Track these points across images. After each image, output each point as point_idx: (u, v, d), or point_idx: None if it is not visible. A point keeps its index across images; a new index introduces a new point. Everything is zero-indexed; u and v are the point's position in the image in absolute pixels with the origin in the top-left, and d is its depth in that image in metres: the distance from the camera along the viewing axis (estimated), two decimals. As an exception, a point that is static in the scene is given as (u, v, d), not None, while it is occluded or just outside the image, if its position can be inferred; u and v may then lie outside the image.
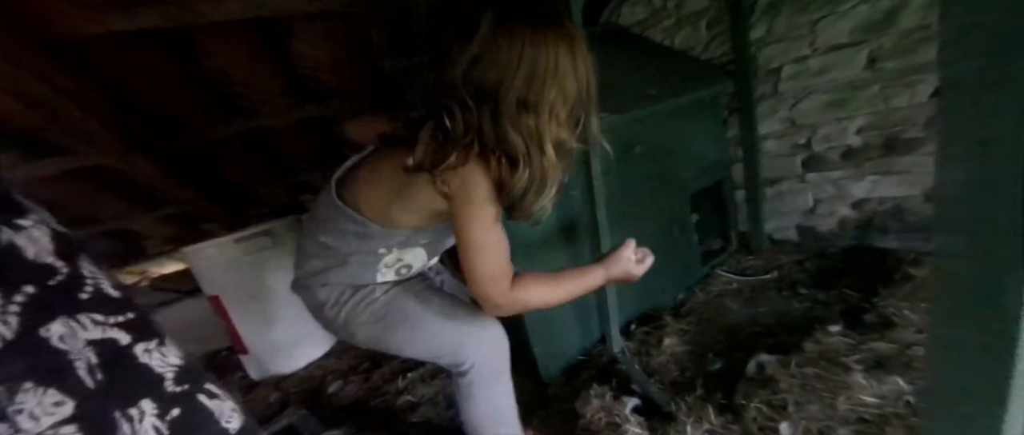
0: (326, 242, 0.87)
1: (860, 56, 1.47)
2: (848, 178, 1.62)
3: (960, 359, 0.40)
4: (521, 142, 0.67)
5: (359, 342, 0.90)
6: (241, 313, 2.02)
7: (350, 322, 0.87)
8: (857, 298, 1.37)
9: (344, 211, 0.85)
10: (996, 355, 0.38)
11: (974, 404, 0.40)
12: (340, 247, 0.86)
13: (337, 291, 0.86)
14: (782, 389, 1.06)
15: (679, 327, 1.52)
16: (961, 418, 0.42)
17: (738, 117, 1.82)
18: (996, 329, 0.37)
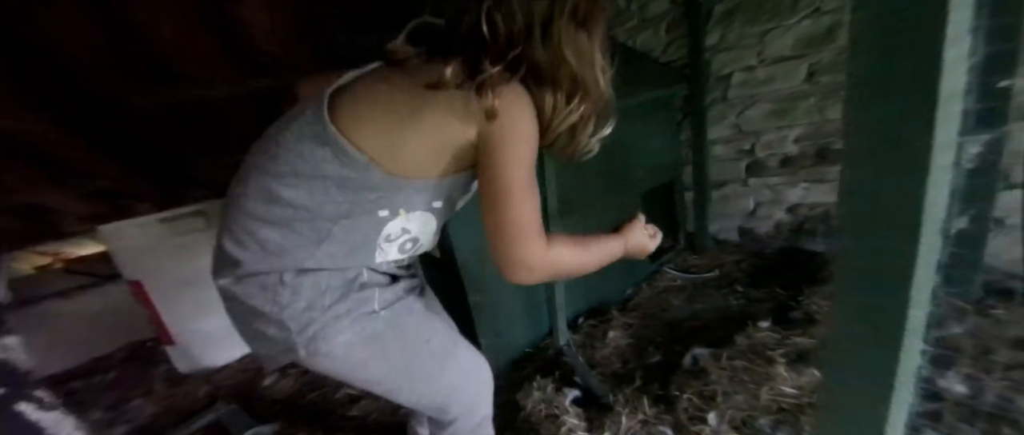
0: (292, 199, 0.57)
1: (801, 69, 1.56)
2: (785, 184, 1.73)
3: (852, 350, 0.42)
4: (575, 63, 0.57)
5: (318, 366, 0.62)
6: (168, 300, 1.86)
7: (322, 337, 0.59)
8: (786, 296, 1.46)
9: (336, 142, 0.56)
10: (884, 348, 0.40)
11: (863, 394, 0.43)
12: (319, 206, 0.58)
13: (313, 287, 0.58)
14: (713, 381, 1.11)
15: (624, 321, 1.56)
16: (851, 407, 0.44)
17: (690, 121, 1.88)
18: (888, 321, 0.39)
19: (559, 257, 0.60)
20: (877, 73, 0.35)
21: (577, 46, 0.57)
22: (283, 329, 0.59)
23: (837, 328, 0.44)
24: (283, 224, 0.58)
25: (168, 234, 1.78)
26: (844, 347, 0.44)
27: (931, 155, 0.32)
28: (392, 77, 0.61)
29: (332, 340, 0.59)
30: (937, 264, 0.35)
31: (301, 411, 1.49)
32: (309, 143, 0.58)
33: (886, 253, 0.37)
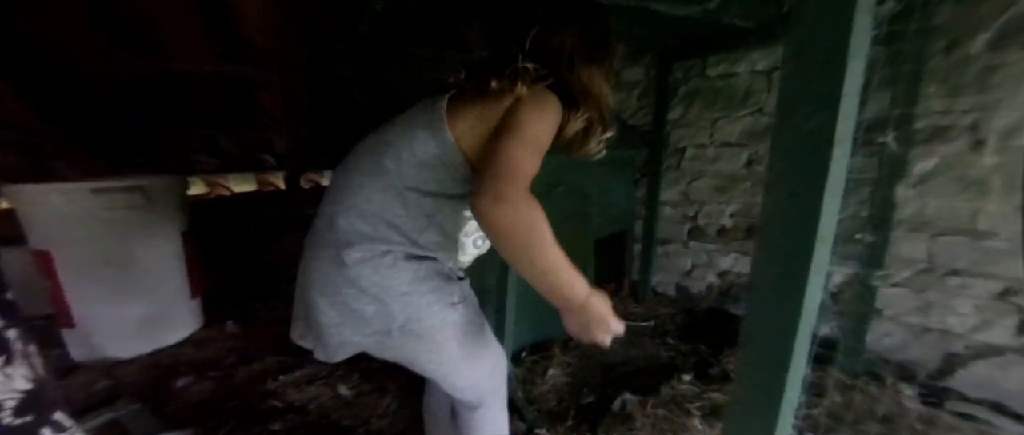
0: (409, 200, 0.67)
1: (742, 156, 1.80)
2: (718, 251, 1.94)
3: (741, 407, 0.52)
4: (587, 84, 0.73)
5: (403, 347, 0.70)
6: (78, 278, 1.67)
7: (416, 318, 0.67)
8: (708, 353, 1.62)
9: (448, 145, 0.66)
10: (767, 415, 0.50)
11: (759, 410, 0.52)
12: (425, 206, 0.68)
13: (415, 273, 0.67)
14: (637, 426, 1.21)
15: (564, 360, 1.64)
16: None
17: (647, 181, 2.08)
18: (770, 387, 0.50)
19: (533, 216, 0.58)
20: (781, 171, 0.46)
21: (590, 73, 0.74)
22: (384, 308, 0.66)
23: (736, 388, 0.54)
24: (392, 210, 0.67)
25: (99, 206, 1.62)
26: (738, 404, 0.54)
27: (814, 248, 0.43)
28: (463, 95, 0.73)
29: (423, 322, 0.68)
30: (812, 343, 0.45)
31: (219, 419, 1.39)
32: (419, 130, 0.69)
33: (772, 346, 0.48)
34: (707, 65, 1.85)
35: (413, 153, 0.68)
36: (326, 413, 1.42)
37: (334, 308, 0.68)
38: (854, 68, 0.43)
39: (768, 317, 0.48)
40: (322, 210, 0.74)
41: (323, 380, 1.59)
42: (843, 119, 0.43)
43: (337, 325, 0.69)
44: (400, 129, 0.71)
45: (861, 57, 0.43)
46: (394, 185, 0.68)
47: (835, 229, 0.46)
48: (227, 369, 1.70)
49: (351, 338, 0.69)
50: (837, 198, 0.44)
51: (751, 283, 0.51)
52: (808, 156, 0.44)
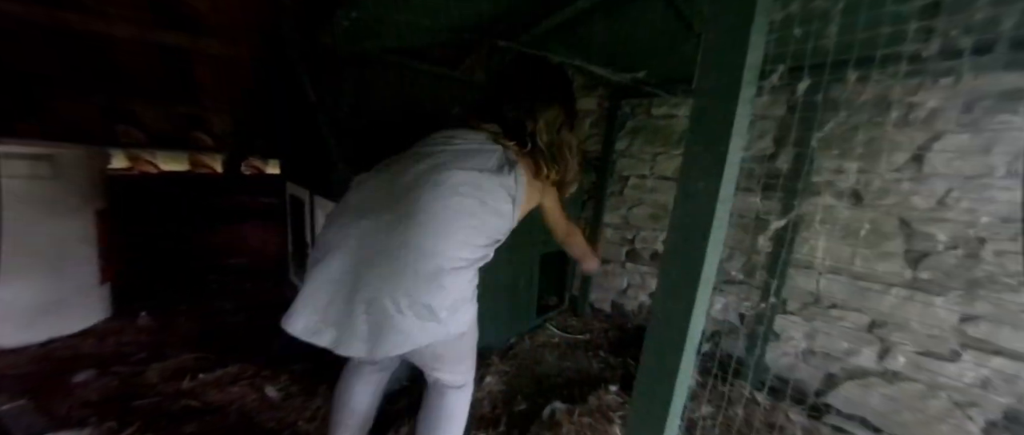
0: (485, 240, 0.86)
1: (675, 190, 1.99)
2: (651, 274, 2.12)
3: (639, 413, 0.61)
4: (568, 146, 0.98)
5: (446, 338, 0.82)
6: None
7: (460, 312, 0.82)
8: (634, 367, 1.75)
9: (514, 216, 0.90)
10: (655, 418, 0.59)
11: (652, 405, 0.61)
12: (494, 241, 0.89)
13: (471, 281, 0.84)
14: (563, 433, 1.29)
15: (502, 368, 1.69)
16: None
17: (592, 204, 2.22)
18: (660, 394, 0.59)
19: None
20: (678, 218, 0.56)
21: (569, 138, 0.98)
22: (455, 313, 0.81)
23: (638, 387, 0.63)
24: (475, 241, 0.84)
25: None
26: (639, 401, 0.63)
27: (699, 283, 0.53)
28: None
29: (462, 318, 0.83)
30: (695, 369, 0.55)
31: (122, 419, 1.28)
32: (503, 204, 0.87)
33: (663, 362, 0.57)
34: (652, 105, 2.04)
35: (500, 216, 0.87)
36: (249, 415, 1.36)
37: (414, 309, 0.76)
38: (735, 143, 0.53)
39: (663, 338, 0.57)
40: (386, 218, 0.80)
41: (248, 380, 1.51)
42: (726, 182, 0.53)
43: (410, 323, 0.76)
44: (487, 185, 0.85)
45: (741, 135, 0.54)
46: (481, 229, 0.84)
47: (716, 269, 0.57)
48: (135, 365, 1.56)
49: (416, 337, 0.77)
50: (719, 245, 0.55)
51: (652, 309, 0.60)
52: (697, 210, 0.54)
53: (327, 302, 0.79)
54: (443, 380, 0.95)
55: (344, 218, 0.83)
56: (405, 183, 0.82)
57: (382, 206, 0.80)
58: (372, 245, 0.77)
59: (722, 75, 0.49)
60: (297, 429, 1.31)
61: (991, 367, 1.29)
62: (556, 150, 0.94)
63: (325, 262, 0.79)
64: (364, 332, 0.76)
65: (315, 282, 0.80)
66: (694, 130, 0.53)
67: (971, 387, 1.32)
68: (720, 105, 0.49)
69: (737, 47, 0.47)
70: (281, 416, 1.36)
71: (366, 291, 0.75)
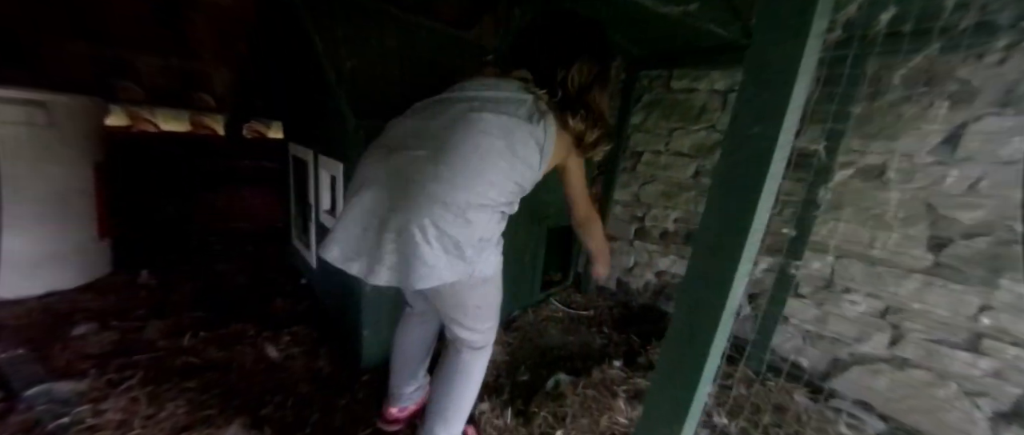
0: (514, 184, 0.85)
1: (691, 167, 1.93)
2: (658, 253, 2.08)
3: (664, 384, 0.58)
4: (599, 103, 0.94)
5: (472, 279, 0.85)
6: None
7: (485, 259, 0.85)
8: (638, 344, 1.74)
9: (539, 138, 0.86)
10: (685, 388, 0.56)
11: (665, 415, 0.58)
12: (521, 189, 0.89)
13: (490, 220, 0.84)
14: (567, 404, 1.27)
15: (506, 340, 1.67)
16: (655, 425, 0.59)
17: (603, 179, 2.16)
18: (691, 367, 0.55)
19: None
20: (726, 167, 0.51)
21: (600, 95, 0.94)
22: (480, 253, 0.84)
23: (660, 368, 0.59)
24: (505, 187, 0.84)
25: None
26: (660, 379, 0.59)
27: (747, 237, 0.48)
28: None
29: (488, 261, 0.87)
30: (730, 334, 0.51)
31: (122, 372, 1.26)
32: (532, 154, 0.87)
33: (699, 324, 0.53)
34: (672, 77, 1.95)
35: (528, 165, 0.86)
36: (249, 374, 1.35)
37: (441, 242, 0.78)
38: (801, 84, 0.47)
39: (700, 291, 0.53)
40: (419, 154, 0.80)
41: (249, 340, 1.50)
42: (785, 130, 0.48)
43: (437, 257, 0.78)
44: (517, 132, 0.84)
45: (807, 76, 0.48)
46: (509, 173, 0.84)
47: (764, 227, 0.52)
48: (135, 320, 1.55)
49: (442, 272, 0.78)
50: (771, 197, 0.50)
51: (688, 267, 0.56)
52: (751, 157, 0.49)
53: (361, 232, 0.82)
54: (462, 337, 0.96)
55: (377, 154, 0.86)
56: (439, 124, 0.84)
57: (415, 143, 0.82)
58: (404, 177, 0.79)
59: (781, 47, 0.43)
60: (298, 390, 1.30)
61: (1005, 357, 1.26)
62: (584, 103, 0.91)
63: (359, 195, 0.82)
64: (393, 262, 0.79)
65: (350, 213, 0.83)
66: (752, 70, 0.47)
67: (983, 376, 1.30)
68: (786, 38, 0.44)
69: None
70: (282, 377, 1.35)
71: (396, 220, 0.77)
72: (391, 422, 1.17)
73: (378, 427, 1.17)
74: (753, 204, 0.47)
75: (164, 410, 1.14)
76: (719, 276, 0.51)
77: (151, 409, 1.14)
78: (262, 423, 1.15)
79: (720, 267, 0.51)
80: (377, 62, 1.38)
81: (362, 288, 1.30)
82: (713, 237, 0.51)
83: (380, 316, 1.38)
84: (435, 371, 1.03)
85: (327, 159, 1.45)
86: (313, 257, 1.76)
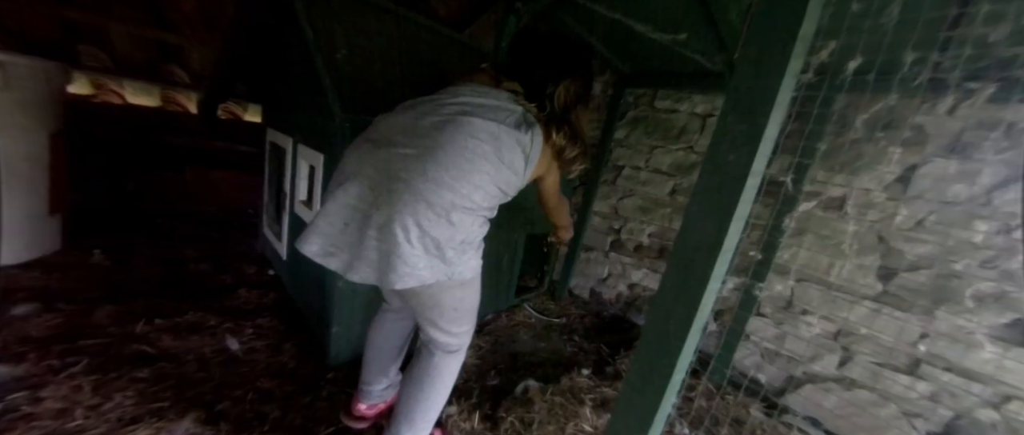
0: (499, 191, 0.87)
1: (668, 184, 2.00)
2: (632, 265, 2.13)
3: (632, 394, 0.60)
4: (579, 123, 0.97)
5: (450, 282, 0.85)
6: None
7: (463, 262, 0.84)
8: (607, 353, 1.77)
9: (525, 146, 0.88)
10: (652, 397, 0.58)
11: (632, 425, 0.60)
12: (505, 196, 0.90)
13: (484, 230, 0.88)
14: (534, 410, 1.28)
15: (477, 342, 1.67)
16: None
17: (583, 191, 2.20)
18: (658, 377, 0.57)
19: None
20: (703, 188, 0.54)
21: (581, 115, 0.99)
22: (461, 255, 0.84)
23: (629, 379, 0.61)
24: (489, 191, 0.85)
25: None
26: (629, 390, 0.61)
27: (710, 279, 0.51)
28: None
29: (467, 264, 0.86)
30: (697, 351, 0.53)
31: (65, 357, 1.18)
32: (517, 160, 0.88)
33: (667, 335, 0.55)
34: (656, 97, 2.02)
35: (513, 171, 0.88)
36: (207, 366, 1.29)
37: (422, 242, 0.78)
38: (775, 117, 0.51)
39: (671, 304, 0.55)
40: (407, 152, 0.80)
41: (209, 331, 1.44)
42: (759, 157, 0.51)
43: (417, 257, 0.77)
44: (505, 138, 0.85)
45: (782, 110, 0.51)
46: (495, 178, 0.85)
47: (735, 248, 0.55)
48: (84, 303, 1.45)
49: (422, 272, 0.78)
50: (742, 220, 0.53)
51: (662, 280, 0.58)
52: (726, 181, 0.52)
53: (343, 226, 0.81)
54: (437, 339, 0.96)
55: (364, 148, 0.85)
56: (429, 123, 0.84)
57: (403, 141, 0.82)
58: (390, 174, 0.79)
59: (773, 40, 0.46)
60: (258, 385, 1.25)
61: (940, 381, 1.37)
62: (568, 120, 0.95)
63: (343, 188, 0.81)
64: (374, 259, 0.78)
65: (333, 205, 0.81)
66: (732, 99, 0.50)
67: (920, 399, 1.40)
68: (765, 73, 0.47)
69: (794, 12, 0.44)
70: (242, 371, 1.30)
71: (379, 216, 0.77)
72: (358, 418, 1.14)
73: (343, 425, 1.15)
74: (726, 225, 0.50)
75: (111, 401, 1.08)
76: (691, 290, 0.54)
77: (96, 398, 1.07)
78: (218, 418, 1.10)
79: (693, 282, 0.54)
80: (368, 56, 1.36)
81: (334, 283, 1.27)
82: (688, 253, 0.54)
83: (351, 313, 1.35)
84: (406, 372, 1.02)
85: (307, 149, 1.41)
86: (284, 248, 1.70)
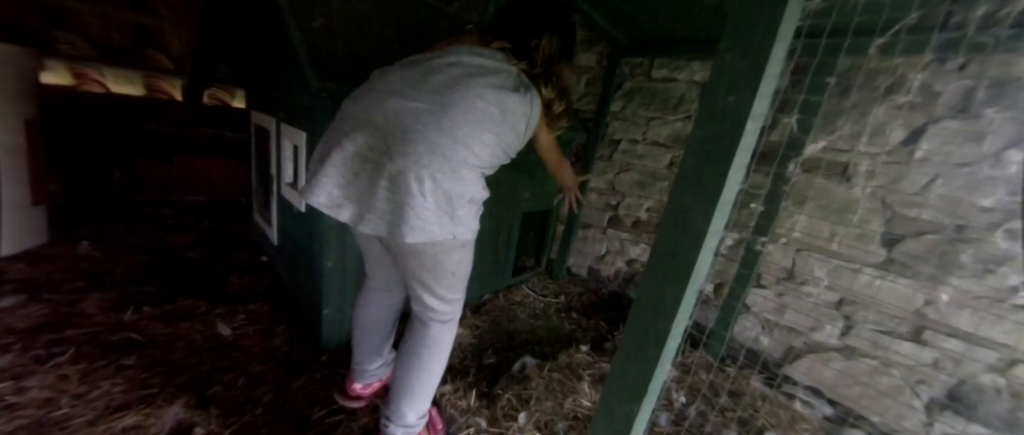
0: (500, 147, 0.86)
1: (665, 157, 1.94)
2: (630, 241, 2.09)
3: (628, 363, 0.56)
4: (565, 77, 0.99)
5: (449, 242, 0.83)
6: None
7: (464, 221, 0.82)
8: (606, 330, 1.75)
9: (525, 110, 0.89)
10: (647, 365, 0.54)
11: (627, 392, 0.57)
12: (506, 154, 0.90)
13: (483, 189, 0.86)
14: (532, 387, 1.27)
15: (474, 322, 1.65)
16: (615, 405, 0.58)
17: (579, 165, 2.14)
18: (653, 346, 0.54)
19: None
20: (699, 138, 0.50)
21: (566, 70, 1.00)
22: (469, 212, 0.83)
23: (622, 347, 0.57)
24: (493, 151, 0.85)
25: None
26: (623, 358, 0.58)
27: (706, 236, 0.47)
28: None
29: (470, 225, 0.85)
30: (692, 315, 0.50)
31: (52, 347, 1.16)
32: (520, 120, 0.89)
33: (662, 299, 0.52)
34: (653, 66, 1.94)
35: (515, 133, 0.89)
36: (198, 352, 1.27)
37: (435, 195, 0.76)
38: (777, 53, 0.46)
39: (666, 269, 0.51)
40: (419, 106, 0.78)
41: (200, 317, 1.41)
42: (760, 98, 0.46)
43: (429, 211, 0.76)
44: (508, 102, 0.85)
45: (784, 44, 0.46)
46: (500, 139, 0.85)
47: (734, 200, 0.51)
48: (71, 293, 1.43)
49: (433, 227, 0.77)
50: (742, 169, 0.48)
51: (655, 241, 0.54)
52: (725, 126, 0.47)
53: (352, 176, 0.78)
54: (433, 307, 0.94)
55: (371, 98, 0.81)
56: (439, 80, 0.82)
57: (413, 93, 0.80)
58: (403, 125, 0.76)
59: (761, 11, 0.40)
60: (250, 369, 1.23)
61: (944, 348, 1.34)
62: (554, 73, 0.96)
63: (351, 135, 0.78)
64: (385, 210, 0.77)
65: (339, 155, 0.78)
66: (730, 34, 0.45)
67: (922, 366, 1.38)
68: (753, 45, 0.41)
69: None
70: (233, 356, 1.28)
71: (393, 166, 0.75)
72: (354, 398, 1.13)
73: (339, 404, 1.13)
74: (724, 174, 0.45)
75: (98, 388, 1.06)
76: (687, 248, 0.50)
77: (82, 387, 1.05)
78: (208, 402, 1.08)
79: (689, 239, 0.50)
80: (348, 25, 1.29)
81: (323, 264, 1.24)
82: (684, 209, 0.50)
83: (342, 295, 1.33)
84: (401, 346, 0.99)
85: (289, 128, 1.36)
86: (274, 233, 1.67)
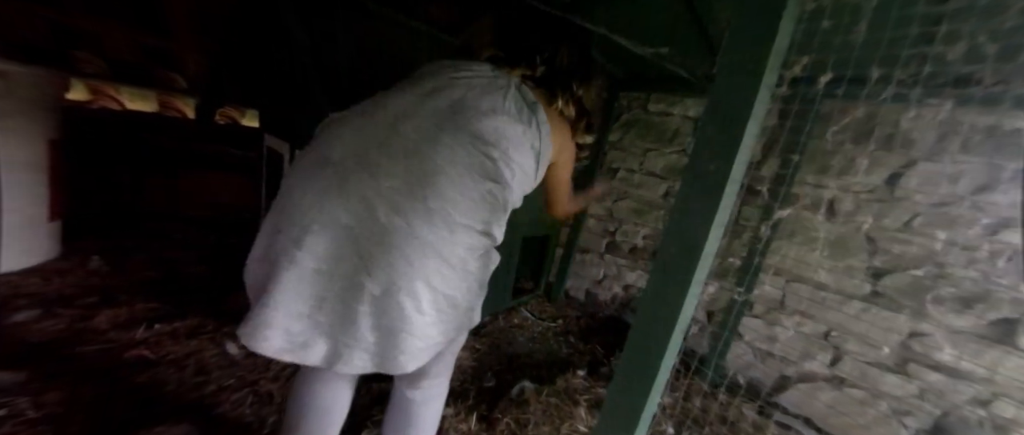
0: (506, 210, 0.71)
1: (661, 187, 2.02)
2: (627, 267, 2.15)
3: (620, 391, 0.62)
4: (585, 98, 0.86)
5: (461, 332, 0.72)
6: None
7: (475, 311, 0.71)
8: (602, 354, 1.79)
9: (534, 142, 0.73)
10: (638, 395, 0.60)
11: (620, 420, 0.62)
12: (508, 215, 0.74)
13: (495, 262, 0.74)
14: (530, 411, 1.30)
15: (474, 345, 1.69)
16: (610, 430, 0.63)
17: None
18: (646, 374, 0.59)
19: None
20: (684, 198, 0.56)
21: (585, 89, 0.85)
22: (476, 300, 0.71)
23: (618, 374, 0.63)
24: (497, 216, 0.69)
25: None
26: (617, 387, 0.63)
27: (690, 284, 0.53)
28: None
29: (478, 310, 0.73)
30: (680, 353, 0.55)
31: (65, 364, 1.20)
32: (528, 165, 0.74)
33: (655, 331, 0.58)
34: (650, 100, 2.04)
35: (523, 169, 0.72)
36: (207, 370, 1.30)
37: (436, 305, 0.60)
38: (752, 126, 0.53)
39: (654, 307, 0.57)
40: (391, 184, 0.58)
41: (208, 335, 1.45)
42: (737, 165, 0.53)
43: (430, 325, 0.60)
44: (510, 133, 0.68)
45: (758, 120, 0.54)
46: (503, 185, 0.68)
47: (715, 252, 0.57)
48: (84, 309, 1.46)
49: (437, 340, 0.63)
50: (721, 227, 0.55)
51: (647, 284, 0.60)
52: (706, 189, 0.54)
53: (315, 304, 0.58)
54: (428, 390, 0.80)
55: (321, 179, 0.58)
56: (412, 131, 0.61)
57: (383, 159, 0.58)
58: (376, 222, 0.56)
59: (747, 55, 0.48)
60: (258, 389, 1.27)
61: (928, 380, 1.39)
62: (570, 85, 0.80)
63: (305, 244, 0.56)
64: (370, 342, 0.58)
65: (296, 271, 0.57)
66: (711, 110, 0.52)
67: (908, 397, 1.43)
68: (741, 86, 0.49)
69: (767, 28, 0.46)
70: (242, 374, 1.32)
71: (375, 282, 0.56)
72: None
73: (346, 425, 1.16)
74: (706, 230, 0.52)
75: (111, 405, 1.09)
76: (673, 293, 0.56)
77: (96, 403, 1.09)
78: (217, 422, 1.11)
79: (675, 285, 0.56)
80: (363, 61, 1.38)
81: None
82: (670, 258, 0.56)
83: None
84: (391, 427, 0.84)
85: (304, 154, 1.43)
86: (282, 252, 1.72)
